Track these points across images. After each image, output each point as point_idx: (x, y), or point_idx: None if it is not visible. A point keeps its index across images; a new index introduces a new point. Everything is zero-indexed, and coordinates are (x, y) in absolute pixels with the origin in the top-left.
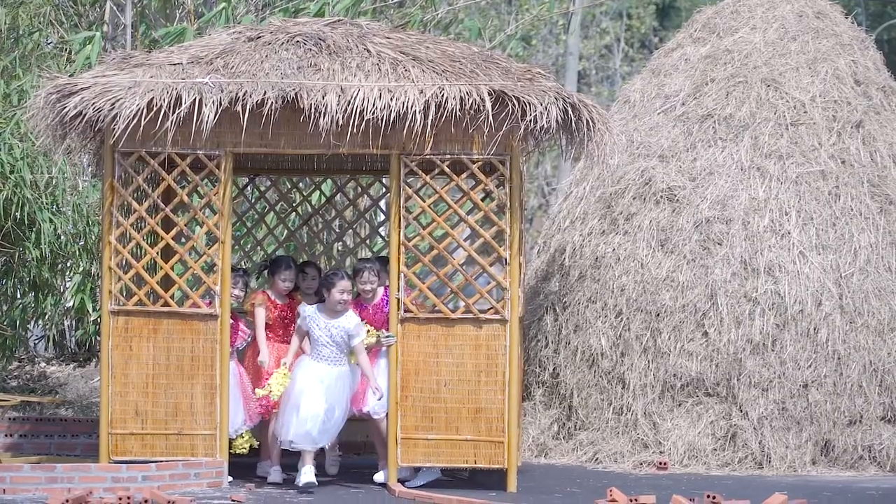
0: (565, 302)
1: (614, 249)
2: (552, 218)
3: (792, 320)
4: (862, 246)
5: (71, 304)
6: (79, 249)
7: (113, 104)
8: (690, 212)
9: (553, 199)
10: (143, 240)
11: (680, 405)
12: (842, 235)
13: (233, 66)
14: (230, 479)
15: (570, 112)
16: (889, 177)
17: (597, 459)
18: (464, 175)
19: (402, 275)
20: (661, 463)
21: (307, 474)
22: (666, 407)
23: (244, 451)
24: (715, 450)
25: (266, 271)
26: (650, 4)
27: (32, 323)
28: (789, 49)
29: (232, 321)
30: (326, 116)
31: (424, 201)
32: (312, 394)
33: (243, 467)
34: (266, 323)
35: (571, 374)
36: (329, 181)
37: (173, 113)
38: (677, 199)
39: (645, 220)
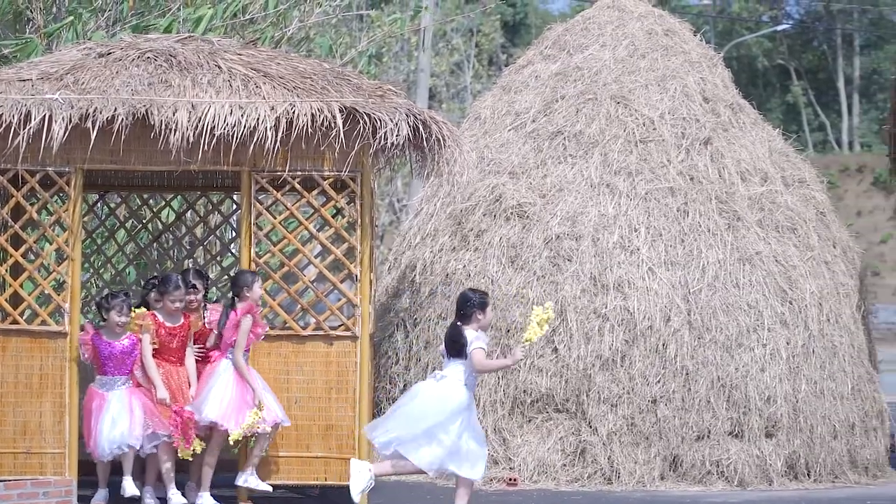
0: (416, 318)
1: (465, 266)
2: (403, 235)
3: (641, 336)
4: (710, 262)
5: None
6: None
7: None
8: (540, 228)
9: (404, 216)
10: None
11: (530, 421)
12: (690, 251)
13: (83, 83)
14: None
15: (421, 129)
16: (737, 193)
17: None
18: (315, 192)
19: None
20: (510, 479)
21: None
22: (516, 423)
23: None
24: (565, 465)
25: (153, 291)
26: (497, 20)
27: None
28: (639, 66)
29: (127, 341)
30: (177, 133)
31: (275, 218)
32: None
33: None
34: (155, 347)
35: None
36: (180, 198)
37: (23, 129)
38: (527, 216)
39: (495, 236)
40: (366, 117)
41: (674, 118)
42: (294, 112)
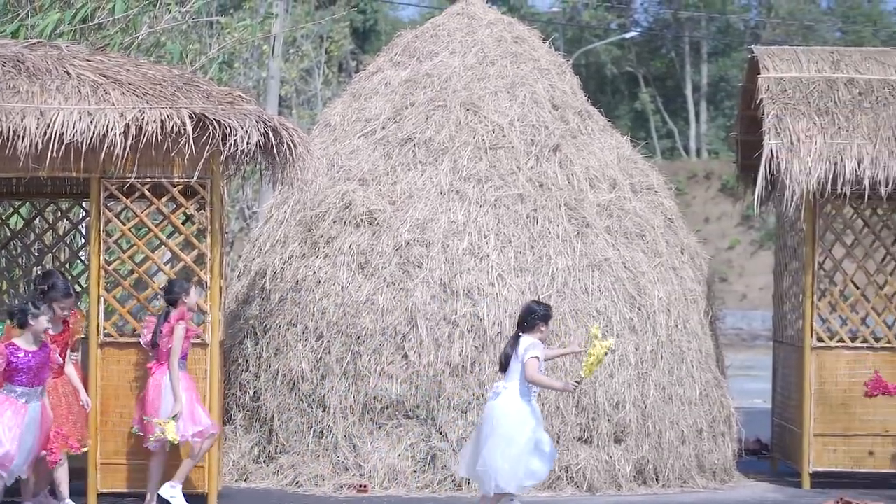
0: (266, 325)
1: (315, 273)
2: (253, 241)
3: (491, 342)
4: (559, 268)
5: None
6: None
7: None
8: (391, 235)
9: (254, 223)
10: None
11: (380, 428)
12: (540, 258)
13: None
14: None
15: (271, 135)
16: (586, 200)
17: (297, 483)
18: (164, 198)
19: (101, 299)
20: (361, 486)
21: None
22: (366, 429)
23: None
24: (415, 472)
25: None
26: (346, 27)
27: None
28: (488, 73)
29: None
30: (25, 139)
31: (125, 225)
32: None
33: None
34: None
35: (272, 398)
36: (28, 204)
37: None
38: (377, 223)
39: (345, 243)
40: (215, 124)
41: (523, 125)
42: (143, 118)
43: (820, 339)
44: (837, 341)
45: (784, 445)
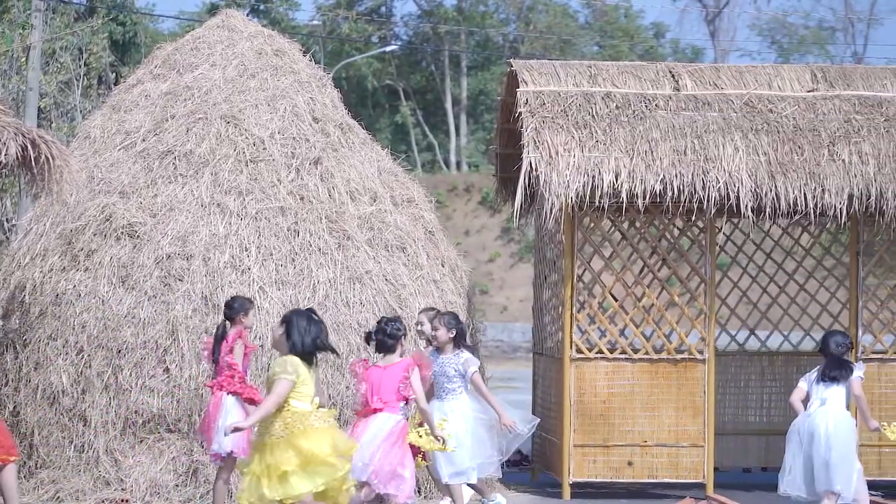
0: (26, 339)
1: (75, 286)
2: (12, 255)
3: (252, 354)
4: (321, 281)
5: None
6: None
7: None
8: (151, 248)
9: (13, 236)
10: None
11: (142, 442)
12: (301, 271)
13: None
14: None
15: (30, 148)
16: (346, 213)
17: (58, 498)
18: None
19: None
20: (122, 500)
21: None
22: (128, 444)
23: None
24: (177, 485)
25: None
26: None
27: None
28: (249, 86)
29: None
30: None
31: None
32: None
33: None
34: None
35: (32, 412)
36: None
37: None
38: (138, 236)
39: (106, 256)
40: None
41: (284, 138)
42: None
43: (579, 351)
44: (596, 353)
45: (544, 456)
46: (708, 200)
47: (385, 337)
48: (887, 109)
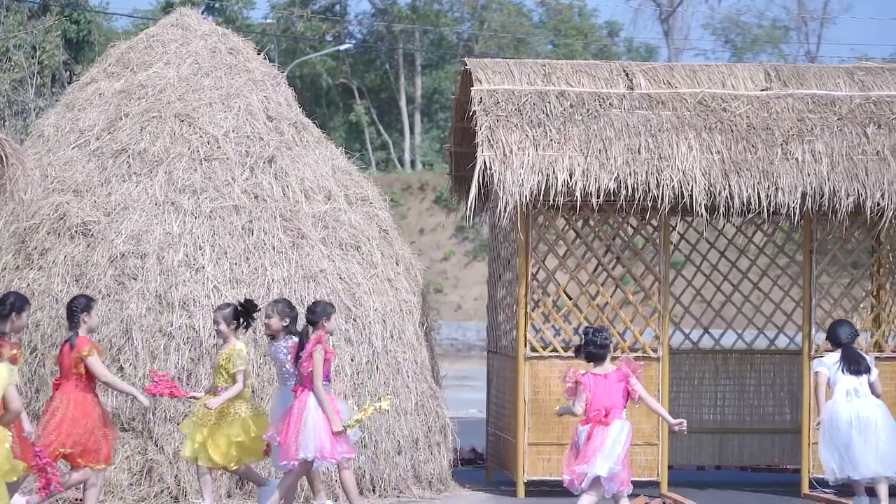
0: None
1: (29, 285)
2: None
3: (206, 354)
4: (275, 279)
5: None
6: None
7: None
8: (105, 247)
9: None
10: None
11: None
12: (255, 269)
13: None
14: None
15: None
16: (301, 211)
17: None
18: None
19: None
20: (76, 499)
21: None
22: None
23: None
24: (131, 484)
25: None
26: (59, 37)
27: None
28: (203, 84)
29: None
30: None
31: None
32: None
33: None
34: None
35: None
36: None
37: None
38: (92, 234)
39: (60, 255)
40: None
41: (238, 136)
42: None
43: (533, 349)
44: (551, 351)
45: (499, 454)
46: (662, 199)
47: (596, 348)
48: (840, 108)
